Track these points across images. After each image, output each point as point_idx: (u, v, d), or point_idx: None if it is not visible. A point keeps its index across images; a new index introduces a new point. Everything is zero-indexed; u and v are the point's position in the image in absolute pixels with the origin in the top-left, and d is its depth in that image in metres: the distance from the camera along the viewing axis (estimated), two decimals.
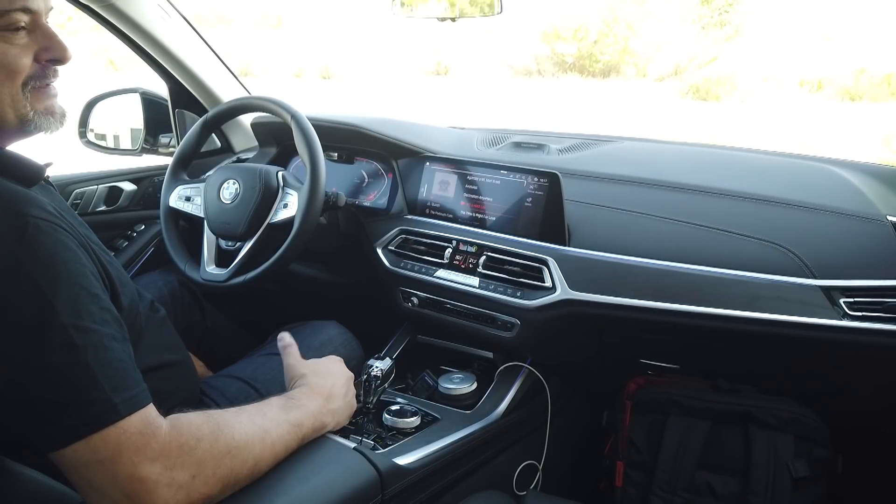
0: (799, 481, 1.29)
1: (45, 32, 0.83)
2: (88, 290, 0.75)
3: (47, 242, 0.74)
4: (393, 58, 12.42)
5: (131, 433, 0.71)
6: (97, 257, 0.82)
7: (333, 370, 1.06)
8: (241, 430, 0.81)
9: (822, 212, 1.26)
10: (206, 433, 0.77)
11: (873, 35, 10.71)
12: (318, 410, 0.94)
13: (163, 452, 0.72)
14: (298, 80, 12.22)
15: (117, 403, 0.71)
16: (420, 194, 1.50)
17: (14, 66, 0.80)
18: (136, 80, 1.94)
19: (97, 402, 0.71)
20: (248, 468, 0.80)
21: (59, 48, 0.84)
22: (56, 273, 0.73)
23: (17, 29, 0.80)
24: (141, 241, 1.74)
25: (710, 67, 11.15)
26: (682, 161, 1.55)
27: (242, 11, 14.33)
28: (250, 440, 0.81)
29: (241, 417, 0.84)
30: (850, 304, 1.13)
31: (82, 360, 0.71)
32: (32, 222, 0.73)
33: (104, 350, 0.73)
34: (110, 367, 0.73)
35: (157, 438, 0.73)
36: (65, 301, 0.72)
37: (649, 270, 1.23)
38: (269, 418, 0.86)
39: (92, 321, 0.73)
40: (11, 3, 0.79)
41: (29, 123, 0.83)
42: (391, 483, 0.98)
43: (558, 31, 12.13)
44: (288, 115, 1.36)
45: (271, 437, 0.84)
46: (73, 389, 0.70)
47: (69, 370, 0.70)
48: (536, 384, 1.40)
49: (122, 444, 0.71)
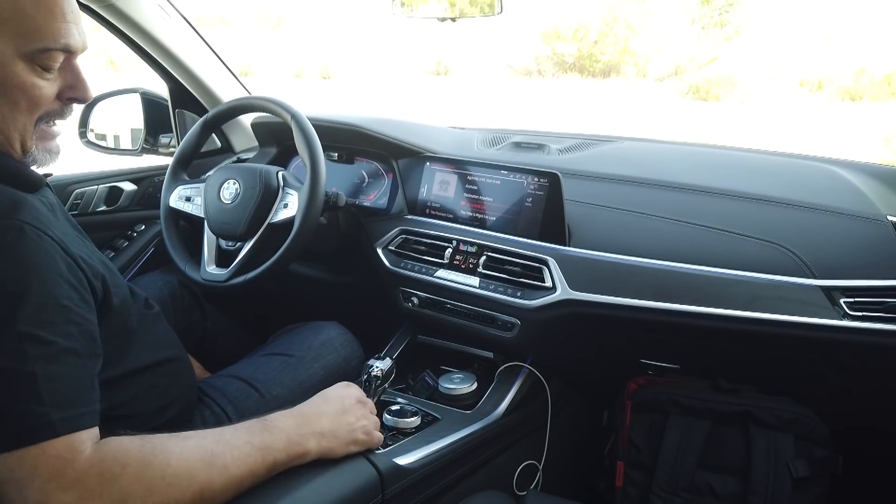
0: (799, 481, 1.29)
1: (74, 72, 0.84)
2: (58, 300, 0.74)
3: (27, 248, 0.73)
4: (393, 58, 12.42)
5: (51, 455, 0.68)
6: (86, 264, 0.82)
7: (334, 394, 1.00)
8: (181, 455, 0.76)
9: (822, 212, 1.26)
10: (134, 458, 0.73)
11: (873, 35, 10.70)
12: (293, 432, 0.89)
13: (79, 480, 0.69)
14: (298, 80, 12.22)
15: (55, 420, 0.69)
16: (420, 194, 1.50)
17: (38, 100, 0.81)
18: (136, 80, 1.94)
19: (34, 415, 0.68)
20: (192, 494, 0.75)
21: (83, 89, 0.85)
22: (28, 279, 0.72)
23: (53, 69, 0.81)
24: (141, 241, 1.74)
25: (711, 67, 11.15)
26: (683, 161, 1.55)
27: (242, 11, 14.33)
28: (192, 465, 0.76)
29: (186, 442, 0.79)
30: (851, 304, 1.13)
31: (28, 370, 0.69)
32: (17, 227, 0.73)
33: (56, 363, 0.71)
34: (58, 381, 0.71)
35: (74, 465, 0.69)
36: (29, 309, 0.71)
37: (649, 270, 1.23)
38: (225, 441, 0.81)
39: (52, 332, 0.72)
40: (56, 42, 0.79)
41: (29, 156, 0.84)
42: (391, 483, 0.98)
43: (558, 31, 12.14)
44: (288, 115, 1.36)
45: (223, 460, 0.79)
46: (12, 398, 0.68)
47: (12, 377, 0.69)
48: (537, 384, 1.40)
49: (38, 467, 0.68)
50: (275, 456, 0.85)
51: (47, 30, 0.78)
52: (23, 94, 0.79)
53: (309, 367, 1.29)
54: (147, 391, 0.98)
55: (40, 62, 0.79)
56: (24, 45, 0.77)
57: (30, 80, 0.79)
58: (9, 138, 0.81)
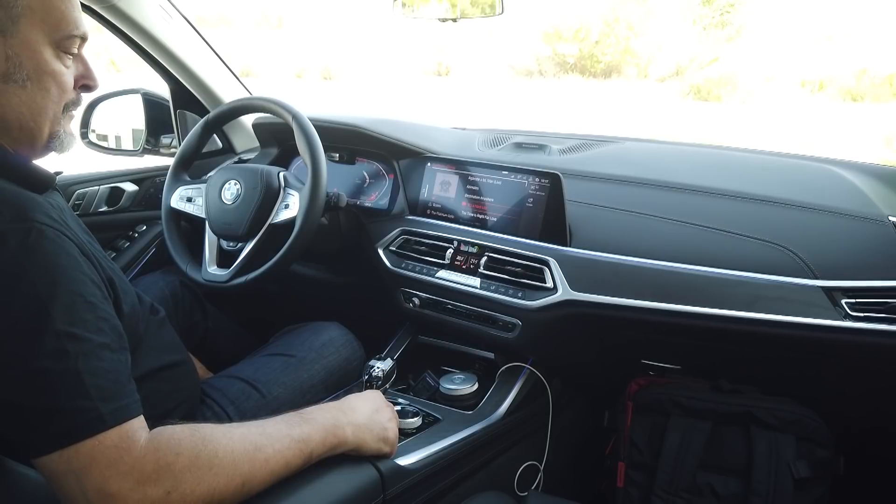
0: (800, 482, 1.29)
1: (83, 61, 0.88)
2: (86, 298, 0.75)
3: (49, 249, 0.74)
4: (394, 58, 12.42)
5: (107, 446, 0.70)
6: (100, 265, 0.83)
7: (367, 395, 1.03)
8: (228, 447, 0.78)
9: (823, 212, 1.26)
10: (186, 448, 0.75)
11: (875, 35, 10.69)
12: (330, 423, 0.90)
13: (136, 467, 0.71)
14: (299, 80, 12.23)
15: (104, 413, 0.71)
16: (421, 195, 1.50)
17: (66, 86, 0.85)
18: (137, 80, 1.94)
19: (84, 410, 0.70)
20: (235, 486, 0.77)
21: (92, 77, 0.89)
22: (55, 280, 0.73)
23: (72, 54, 0.85)
24: (142, 241, 1.74)
25: (712, 68, 11.15)
26: (684, 161, 1.54)
27: (244, 12, 14.34)
28: (237, 457, 0.78)
29: (233, 433, 0.80)
30: (852, 304, 1.13)
31: (72, 368, 0.71)
32: (37, 228, 0.74)
33: (96, 359, 0.73)
34: (101, 376, 0.72)
35: (131, 452, 0.71)
36: (61, 308, 0.72)
37: (650, 271, 1.23)
38: (268, 434, 0.83)
39: (86, 329, 0.73)
40: (77, 28, 0.84)
41: (56, 140, 0.87)
42: (392, 483, 0.98)
43: (559, 31, 12.13)
44: (289, 115, 1.36)
45: (265, 453, 0.81)
46: (61, 397, 0.70)
47: (58, 376, 0.70)
48: (538, 385, 1.40)
49: (96, 456, 0.70)
50: (312, 448, 0.87)
51: (70, 17, 0.83)
52: (53, 81, 0.83)
53: (310, 367, 1.29)
54: (152, 396, 0.98)
55: (64, 49, 0.84)
56: (52, 32, 0.82)
57: (58, 67, 0.83)
58: (39, 126, 0.84)
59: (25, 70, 0.80)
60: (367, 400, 1.01)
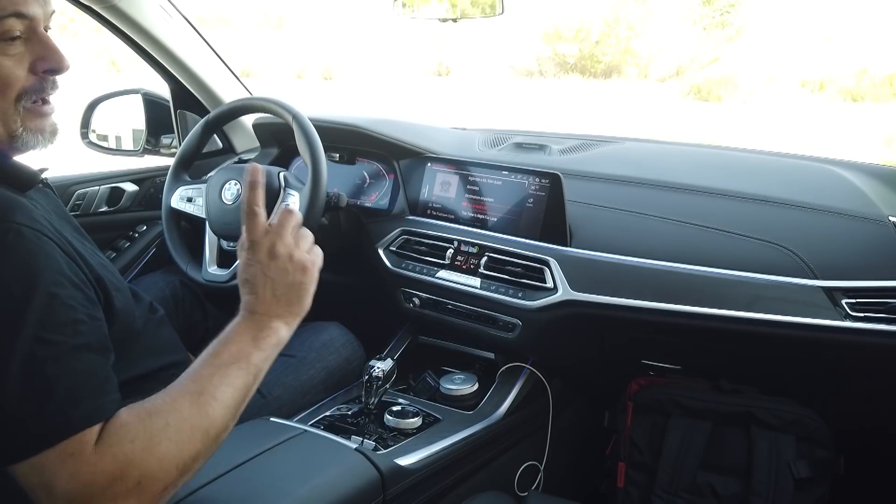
0: (801, 482, 1.29)
1: (41, 41, 0.78)
2: (63, 299, 0.72)
3: (26, 249, 0.71)
4: (394, 59, 12.42)
5: (66, 454, 0.67)
6: (86, 265, 0.80)
7: (253, 272, 0.89)
8: (173, 409, 0.74)
9: (823, 212, 1.26)
10: (137, 431, 0.71)
11: (875, 35, 10.69)
12: (251, 325, 0.85)
13: (98, 470, 0.68)
14: (300, 80, 12.22)
15: (73, 419, 0.68)
16: (421, 195, 1.50)
17: (6, 79, 0.76)
18: (137, 81, 1.94)
19: (51, 416, 0.67)
20: (200, 439, 0.74)
21: (55, 58, 0.79)
22: (31, 281, 0.70)
23: (13, 38, 0.76)
24: (143, 241, 1.74)
25: (712, 68, 11.13)
26: (684, 162, 1.54)
27: (244, 12, 14.34)
28: (187, 414, 0.74)
29: (170, 393, 0.76)
30: (852, 304, 1.13)
31: (39, 372, 0.68)
32: (14, 228, 0.71)
33: (66, 362, 0.70)
34: (71, 379, 0.69)
35: (88, 457, 0.68)
36: (35, 311, 0.69)
37: (651, 271, 1.23)
38: (201, 375, 0.78)
39: (60, 333, 0.70)
40: (3, 10, 0.74)
41: (17, 140, 0.79)
42: (393, 483, 0.98)
43: (560, 31, 12.12)
44: (289, 115, 1.36)
45: (209, 394, 0.76)
46: (28, 404, 0.67)
47: (25, 381, 0.67)
48: (538, 385, 1.40)
49: (61, 464, 0.67)
50: (249, 360, 0.82)
51: None
52: None
53: (310, 367, 1.30)
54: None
55: None
56: None
57: None
58: None
59: None
60: (258, 277, 0.88)
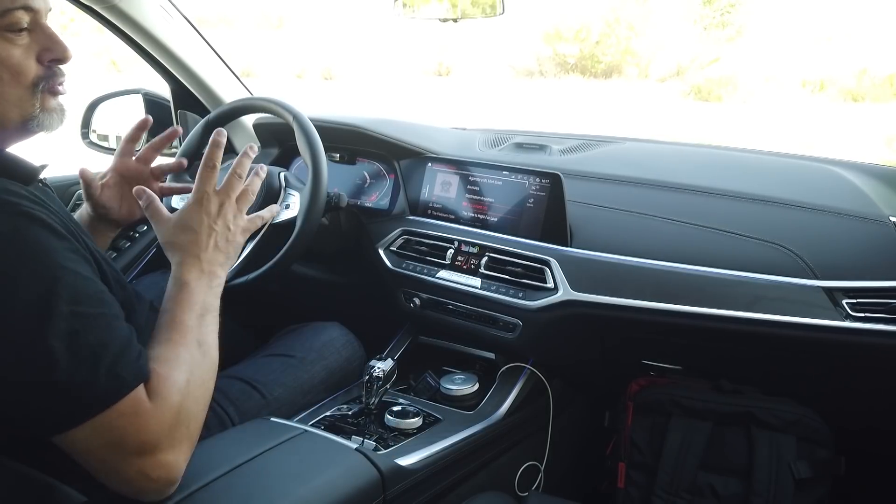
0: (801, 482, 1.29)
1: (45, 32, 0.83)
2: (83, 274, 0.76)
3: (42, 232, 0.75)
4: (395, 59, 12.42)
5: (129, 409, 0.74)
6: (89, 250, 0.83)
7: (183, 228, 0.95)
8: (193, 362, 0.83)
9: (824, 212, 1.26)
10: (179, 383, 0.79)
11: (875, 35, 10.69)
12: (199, 278, 0.91)
13: (162, 422, 0.76)
14: (300, 80, 12.22)
15: (119, 381, 0.74)
16: (422, 195, 1.50)
17: (18, 67, 0.81)
18: (138, 81, 1.94)
19: (101, 380, 0.73)
20: (211, 380, 0.86)
21: (59, 48, 0.84)
22: (52, 260, 0.74)
23: (20, 30, 0.80)
24: (143, 241, 1.74)
25: (712, 68, 11.13)
26: (684, 162, 1.54)
27: (244, 12, 14.34)
28: (200, 364, 0.84)
29: (181, 349, 0.84)
30: (853, 305, 1.13)
31: (84, 343, 0.72)
32: (25, 211, 0.74)
33: (102, 330, 0.75)
34: (111, 346, 0.75)
35: (148, 411, 0.75)
36: (64, 287, 0.73)
37: (651, 271, 1.23)
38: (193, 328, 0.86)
39: (90, 304, 0.75)
40: (13, 2, 0.78)
41: (32, 122, 0.83)
42: (393, 484, 0.98)
43: (560, 31, 12.12)
44: (290, 115, 1.36)
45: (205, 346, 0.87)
46: (80, 372, 0.72)
47: (73, 354, 0.71)
48: (538, 385, 1.40)
49: (124, 421, 0.73)
50: (216, 314, 0.91)
51: None
52: (1, 65, 0.79)
53: (310, 367, 1.29)
54: None
55: (4, 26, 0.79)
56: None
57: (1, 48, 0.79)
58: (2, 112, 0.81)
59: None
60: (188, 232, 0.93)
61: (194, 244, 0.92)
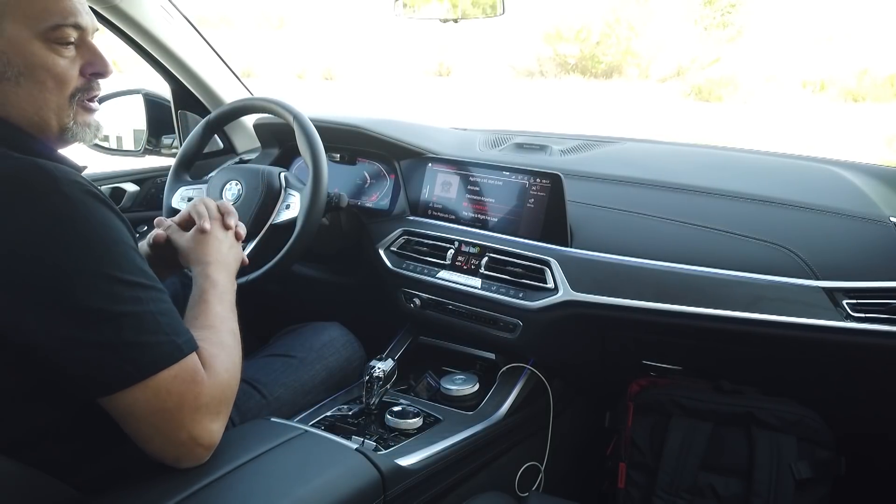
0: (802, 483, 1.28)
1: (90, 49, 0.89)
2: (136, 250, 0.83)
3: (107, 210, 0.81)
4: (395, 59, 12.42)
5: (188, 373, 0.81)
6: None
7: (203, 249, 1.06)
8: (230, 346, 0.92)
9: (824, 213, 1.26)
10: (225, 363, 0.87)
11: (876, 36, 10.68)
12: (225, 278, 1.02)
13: (212, 396, 0.83)
14: (301, 80, 12.23)
15: (181, 344, 0.81)
16: (422, 195, 1.50)
17: (63, 76, 0.86)
18: (138, 81, 1.94)
19: (164, 343, 0.79)
20: (239, 364, 0.93)
21: (102, 63, 0.90)
22: (118, 235, 0.80)
23: (68, 43, 0.86)
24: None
25: (713, 68, 11.14)
26: (685, 162, 1.54)
27: (245, 12, 14.35)
28: (235, 349, 0.92)
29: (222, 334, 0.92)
30: (853, 305, 1.13)
31: (147, 310, 0.79)
32: (92, 191, 0.80)
33: (160, 302, 0.81)
34: (168, 315, 0.82)
35: (203, 383, 0.82)
36: (126, 259, 0.80)
37: (651, 271, 1.23)
38: (226, 319, 0.96)
39: (147, 278, 0.82)
40: (65, 19, 0.85)
41: (68, 132, 0.88)
42: (393, 484, 0.98)
43: (560, 32, 12.12)
44: (290, 115, 1.37)
45: (236, 334, 0.96)
46: (142, 333, 0.78)
47: (137, 317, 0.78)
48: (539, 385, 1.40)
49: (182, 382, 0.80)
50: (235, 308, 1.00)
51: (55, 8, 0.85)
52: (47, 72, 0.85)
53: (311, 367, 1.30)
54: None
55: (55, 39, 0.85)
56: (36, 25, 0.83)
57: (50, 58, 0.85)
58: (45, 119, 0.86)
59: (16, 67, 0.83)
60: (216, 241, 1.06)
61: (211, 259, 1.04)
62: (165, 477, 0.81)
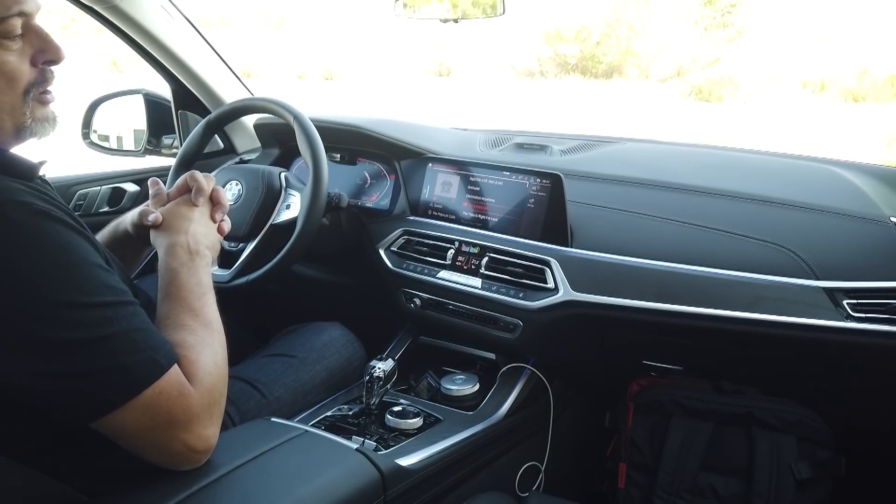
0: (802, 483, 1.29)
1: (38, 34, 0.81)
2: (101, 266, 0.78)
3: (61, 229, 0.76)
4: (395, 59, 12.42)
5: (171, 386, 0.77)
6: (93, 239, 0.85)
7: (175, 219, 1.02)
8: (211, 343, 0.87)
9: (824, 213, 1.26)
10: (209, 366, 0.84)
11: (876, 36, 10.68)
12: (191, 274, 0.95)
13: (199, 404, 0.80)
14: (301, 81, 12.23)
15: (159, 359, 0.77)
16: (422, 195, 1.50)
17: (13, 73, 0.79)
18: (139, 81, 1.94)
19: (142, 362, 0.76)
20: (225, 356, 0.89)
21: (53, 49, 0.82)
22: (75, 256, 0.75)
23: (14, 36, 0.78)
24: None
25: (713, 68, 11.13)
26: (685, 162, 1.54)
27: (245, 12, 14.34)
28: (216, 343, 0.88)
29: (199, 332, 0.87)
30: (854, 305, 1.13)
31: (117, 330, 0.75)
32: (42, 210, 0.75)
33: (131, 316, 0.77)
34: (141, 330, 0.78)
35: (190, 394, 0.79)
36: (88, 280, 0.75)
37: (652, 271, 1.23)
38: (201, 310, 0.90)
39: (115, 294, 0.77)
40: (7, 10, 0.77)
41: (25, 131, 0.82)
42: (393, 484, 0.98)
43: (560, 32, 12.12)
44: (290, 115, 1.37)
45: (214, 326, 0.91)
46: (119, 356, 0.74)
47: (108, 341, 0.74)
48: (539, 385, 1.40)
49: (165, 399, 0.77)
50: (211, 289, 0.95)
51: None
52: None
53: (311, 367, 1.30)
54: None
55: (1, 35, 0.77)
56: None
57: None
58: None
59: None
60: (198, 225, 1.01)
61: (187, 237, 0.98)
62: (166, 477, 0.81)
